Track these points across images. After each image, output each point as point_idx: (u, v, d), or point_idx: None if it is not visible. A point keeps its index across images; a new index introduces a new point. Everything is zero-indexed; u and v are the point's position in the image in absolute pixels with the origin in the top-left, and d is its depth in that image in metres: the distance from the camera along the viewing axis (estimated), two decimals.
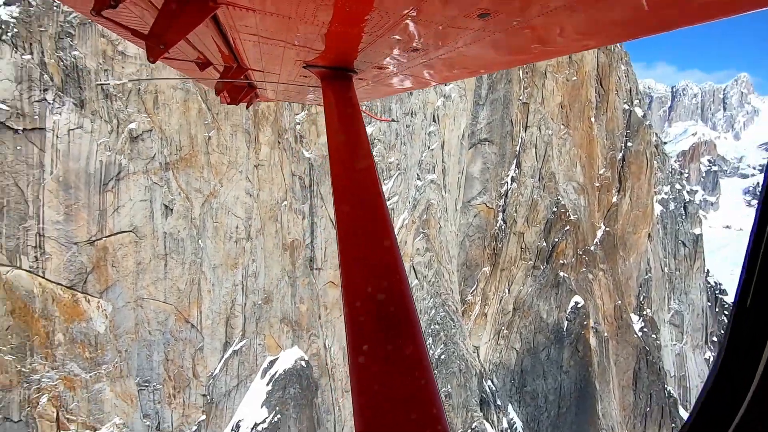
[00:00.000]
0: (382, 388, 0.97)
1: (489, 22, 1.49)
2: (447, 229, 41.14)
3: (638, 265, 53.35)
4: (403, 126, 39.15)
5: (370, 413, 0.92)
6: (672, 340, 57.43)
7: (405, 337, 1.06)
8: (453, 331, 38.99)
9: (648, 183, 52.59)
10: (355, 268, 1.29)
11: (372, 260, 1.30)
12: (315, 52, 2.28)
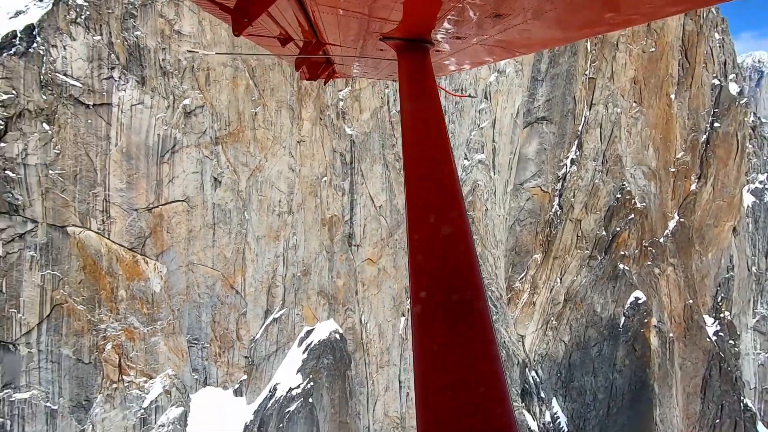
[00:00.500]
0: (445, 372, 0.91)
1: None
2: (494, 212, 39.44)
3: (718, 262, 47.52)
4: (452, 103, 37.69)
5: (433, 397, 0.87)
6: (756, 349, 50.93)
7: (472, 321, 1.00)
8: (495, 317, 37.75)
9: (737, 170, 46.14)
10: (424, 250, 1.23)
11: (442, 243, 1.23)
12: (392, 24, 2.23)
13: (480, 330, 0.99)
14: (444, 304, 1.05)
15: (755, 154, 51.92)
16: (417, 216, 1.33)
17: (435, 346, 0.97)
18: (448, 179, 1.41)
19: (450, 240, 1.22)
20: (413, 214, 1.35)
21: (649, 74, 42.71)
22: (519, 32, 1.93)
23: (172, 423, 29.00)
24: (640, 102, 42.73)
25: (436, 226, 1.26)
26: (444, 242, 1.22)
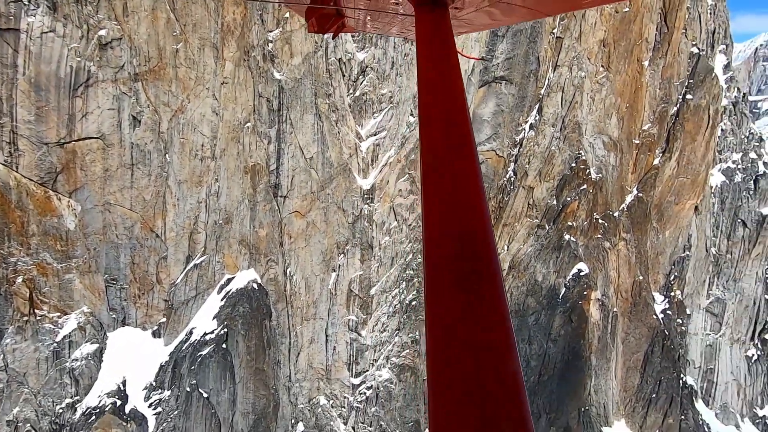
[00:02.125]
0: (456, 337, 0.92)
1: None
2: None
3: (675, 240, 46.50)
4: (401, 54, 35.74)
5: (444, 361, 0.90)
6: (705, 330, 50.75)
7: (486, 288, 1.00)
8: None
9: (705, 146, 44.19)
10: (438, 215, 1.20)
11: (458, 207, 1.19)
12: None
13: (493, 299, 0.96)
14: (457, 271, 1.01)
15: (732, 132, 49.64)
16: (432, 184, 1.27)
17: (447, 314, 0.95)
18: (465, 145, 1.36)
19: (465, 207, 1.17)
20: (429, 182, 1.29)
21: (620, 37, 40.11)
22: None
23: (85, 358, 29.41)
24: (607, 67, 40.38)
25: (452, 192, 1.22)
26: (458, 209, 1.16)
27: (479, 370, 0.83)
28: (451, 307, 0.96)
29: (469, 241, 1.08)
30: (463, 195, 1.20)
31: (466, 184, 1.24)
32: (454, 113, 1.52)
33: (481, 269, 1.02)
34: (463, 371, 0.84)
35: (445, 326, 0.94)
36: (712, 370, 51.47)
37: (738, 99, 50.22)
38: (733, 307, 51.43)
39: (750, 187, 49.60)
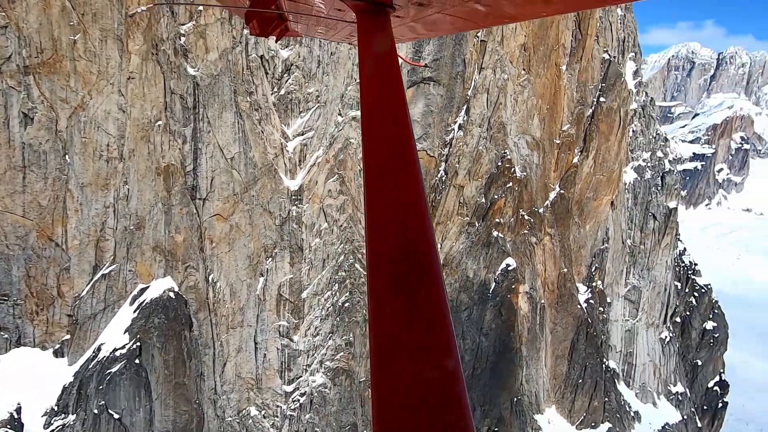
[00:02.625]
0: (399, 338, 0.95)
1: None
2: None
3: (595, 233, 49.69)
4: (327, 53, 35.22)
5: (387, 362, 0.92)
6: (624, 316, 54.69)
7: (427, 288, 1.02)
8: (362, 280, 37.14)
9: (618, 146, 47.64)
10: (381, 221, 1.22)
11: (400, 213, 1.22)
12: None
13: (435, 299, 0.98)
14: (399, 272, 1.03)
15: (642, 133, 53.96)
16: (375, 186, 1.30)
17: (389, 316, 0.97)
18: (406, 148, 1.39)
19: (406, 209, 1.19)
20: (371, 183, 1.31)
21: (539, 42, 42.19)
22: (488, 4, 1.83)
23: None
24: (528, 70, 42.31)
25: (393, 194, 1.25)
26: (400, 211, 1.19)
27: (422, 372, 0.85)
28: (393, 308, 0.96)
29: (411, 242, 1.08)
30: (405, 197, 1.22)
31: (407, 186, 1.25)
32: (396, 118, 1.52)
33: (422, 269, 1.02)
34: (406, 373, 0.85)
35: (388, 328, 0.94)
36: (631, 353, 55.50)
37: (646, 102, 54.66)
38: (648, 294, 55.82)
39: (658, 183, 54.13)
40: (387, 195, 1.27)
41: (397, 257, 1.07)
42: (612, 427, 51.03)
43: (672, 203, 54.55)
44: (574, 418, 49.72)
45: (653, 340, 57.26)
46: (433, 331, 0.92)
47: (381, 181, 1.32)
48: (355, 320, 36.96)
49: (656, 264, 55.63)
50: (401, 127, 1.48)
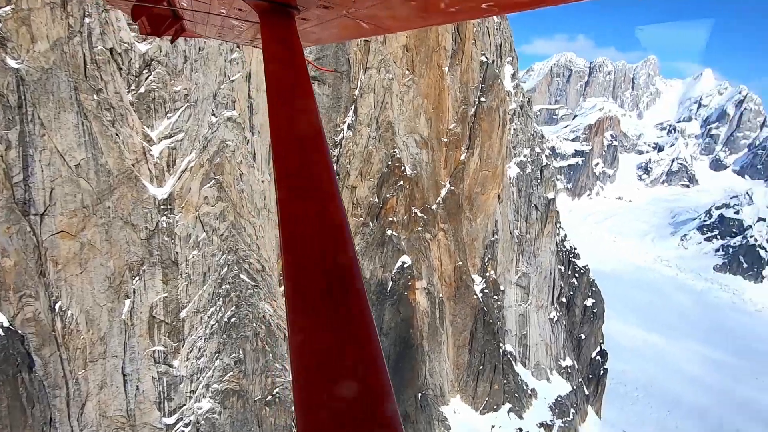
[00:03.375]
0: (324, 356, 0.92)
1: None
2: (253, 177, 35.87)
3: (485, 226, 52.52)
4: (195, 48, 32.29)
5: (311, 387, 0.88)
6: (517, 301, 58.73)
7: (350, 301, 1.01)
8: (249, 291, 34.70)
9: (499, 142, 50.89)
10: (298, 232, 1.17)
11: (316, 222, 1.20)
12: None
13: (359, 310, 0.97)
14: (319, 286, 1.01)
15: (522, 131, 58.48)
16: (287, 196, 1.27)
17: (312, 331, 0.94)
18: (319, 153, 1.39)
19: (323, 216, 1.18)
20: (283, 193, 1.28)
21: (420, 43, 43.30)
22: (393, 8, 1.87)
23: None
24: (412, 70, 43.20)
25: (309, 204, 1.23)
26: (317, 221, 1.17)
27: (350, 390, 0.82)
28: (315, 324, 0.92)
29: (330, 253, 1.05)
30: (322, 207, 1.19)
31: (323, 195, 1.22)
32: (306, 124, 1.49)
33: (344, 282, 1.00)
34: (332, 391, 0.82)
35: (311, 345, 0.91)
36: (525, 336, 59.68)
37: (524, 103, 59.29)
38: (536, 279, 60.52)
39: (538, 176, 58.98)
40: (302, 206, 1.19)
41: (316, 270, 1.00)
42: (512, 407, 54.28)
43: (550, 194, 59.83)
44: (478, 404, 51.95)
45: (543, 321, 62.25)
46: (359, 346, 0.88)
47: (295, 192, 1.24)
48: (244, 335, 34.38)
49: (541, 251, 60.56)
50: (313, 135, 1.44)
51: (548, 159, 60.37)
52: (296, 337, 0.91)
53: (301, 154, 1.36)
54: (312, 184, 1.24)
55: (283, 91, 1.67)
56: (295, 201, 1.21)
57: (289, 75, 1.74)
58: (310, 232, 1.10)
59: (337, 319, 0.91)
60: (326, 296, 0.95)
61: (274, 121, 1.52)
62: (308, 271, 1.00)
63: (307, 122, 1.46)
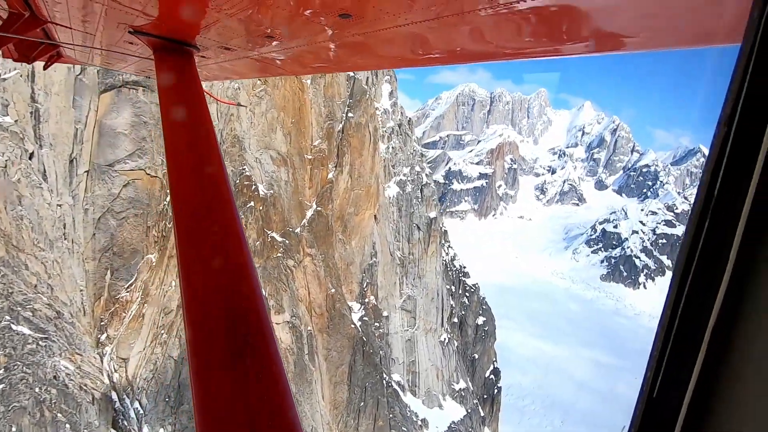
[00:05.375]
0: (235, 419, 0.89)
1: (350, 22, 1.46)
2: (42, 199, 28.64)
3: (362, 249, 49.30)
4: None
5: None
6: (403, 326, 55.95)
7: (261, 355, 0.97)
8: (30, 347, 26.90)
9: (372, 160, 48.57)
10: (198, 274, 1.14)
11: (219, 264, 1.15)
12: (147, 18, 1.98)
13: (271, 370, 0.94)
14: (228, 342, 0.95)
15: (401, 149, 57.18)
16: (189, 246, 1.18)
17: (220, 396, 0.89)
18: (219, 191, 1.34)
19: (230, 271, 1.11)
20: (185, 244, 1.19)
21: None
22: (298, 53, 1.95)
23: None
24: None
25: (212, 254, 1.15)
26: (223, 276, 1.10)
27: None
28: (224, 383, 0.86)
29: (237, 307, 0.98)
30: (226, 256, 1.10)
31: (227, 242, 1.13)
32: (207, 164, 1.43)
33: (253, 336, 0.94)
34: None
35: (220, 409, 0.85)
36: (414, 362, 56.77)
37: (402, 121, 58.25)
38: (422, 301, 58.39)
39: (418, 195, 57.72)
40: (205, 257, 1.10)
41: (222, 325, 0.94)
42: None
43: (432, 213, 58.80)
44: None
45: (433, 345, 60.03)
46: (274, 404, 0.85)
47: (196, 240, 1.15)
48: (21, 406, 26.31)
49: (426, 271, 58.83)
50: (214, 173, 1.40)
51: (428, 178, 59.67)
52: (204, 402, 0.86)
53: (202, 196, 1.27)
54: (215, 236, 1.14)
55: (181, 131, 1.60)
56: (198, 256, 1.09)
57: (186, 111, 1.71)
58: (214, 289, 1.02)
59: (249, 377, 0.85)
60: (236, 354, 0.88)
61: (172, 160, 1.44)
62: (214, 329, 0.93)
63: (209, 165, 1.40)
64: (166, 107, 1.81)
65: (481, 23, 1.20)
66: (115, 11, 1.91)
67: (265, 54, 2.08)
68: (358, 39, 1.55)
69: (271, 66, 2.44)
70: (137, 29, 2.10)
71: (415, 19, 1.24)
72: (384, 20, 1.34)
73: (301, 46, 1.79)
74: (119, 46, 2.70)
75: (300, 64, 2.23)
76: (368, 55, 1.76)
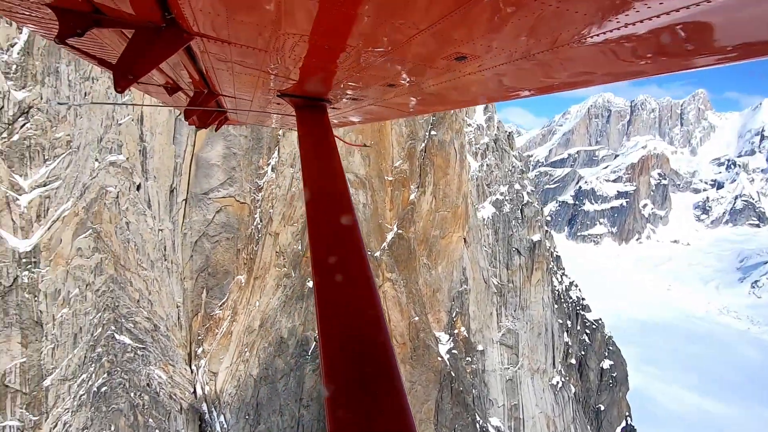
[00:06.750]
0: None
1: (466, 64, 1.60)
2: (145, 225, 32.82)
3: (450, 275, 45.66)
4: (80, 93, 31.04)
5: None
6: (503, 364, 49.60)
7: (387, 387, 1.04)
8: (128, 356, 30.37)
9: (458, 179, 45.27)
10: (332, 310, 1.25)
11: (350, 300, 1.27)
12: (290, 82, 2.36)
13: (395, 398, 0.99)
14: (357, 374, 1.04)
15: (497, 167, 52.50)
16: (324, 280, 1.29)
17: (351, 423, 0.96)
18: (353, 235, 1.47)
19: (356, 298, 1.22)
20: (321, 277, 1.30)
21: None
22: (418, 97, 2.18)
23: None
24: None
25: (343, 287, 1.26)
26: (351, 301, 1.22)
27: None
28: (354, 414, 0.93)
29: (365, 339, 1.08)
30: (356, 290, 1.22)
31: (357, 277, 1.24)
32: (339, 205, 1.61)
33: (380, 368, 1.02)
34: None
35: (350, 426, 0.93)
36: (516, 407, 49.72)
37: (498, 136, 53.81)
38: (527, 336, 51.37)
39: (518, 216, 51.87)
40: (337, 290, 1.23)
41: (353, 358, 1.04)
42: None
43: (536, 236, 52.09)
44: None
45: (541, 388, 52.00)
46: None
47: (330, 274, 1.27)
48: (117, 408, 29.62)
49: (531, 302, 51.88)
50: (345, 212, 1.54)
51: (530, 196, 53.31)
52: (333, 414, 0.95)
53: (335, 236, 1.41)
54: (347, 271, 1.25)
55: (317, 176, 1.81)
56: (332, 289, 1.22)
57: (321, 160, 1.98)
58: (346, 321, 1.11)
59: (376, 408, 0.91)
60: (364, 385, 0.95)
61: (311, 205, 1.63)
62: (346, 361, 1.01)
63: (341, 205, 1.58)
64: (305, 156, 2.05)
65: (601, 47, 1.20)
66: (267, 80, 2.35)
67: (388, 100, 2.33)
68: (471, 78, 1.67)
69: (392, 110, 2.76)
70: (283, 92, 2.62)
71: (537, 50, 1.28)
72: (499, 57, 1.43)
73: (420, 91, 1.96)
74: (268, 107, 3.25)
75: (419, 105, 2.48)
76: (479, 92, 1.92)
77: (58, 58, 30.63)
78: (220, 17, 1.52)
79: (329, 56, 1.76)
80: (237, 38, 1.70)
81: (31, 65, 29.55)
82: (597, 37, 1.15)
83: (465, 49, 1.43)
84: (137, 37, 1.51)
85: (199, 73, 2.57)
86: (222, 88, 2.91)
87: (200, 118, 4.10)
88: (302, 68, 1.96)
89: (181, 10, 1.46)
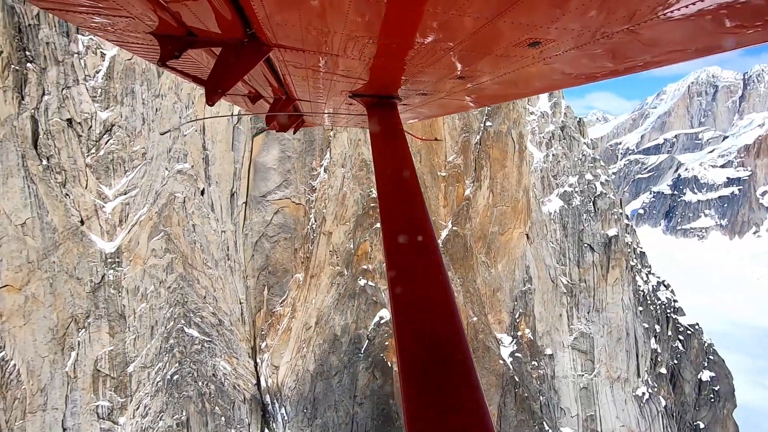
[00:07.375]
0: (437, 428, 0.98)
1: (539, 49, 1.57)
2: (209, 227, 35.39)
3: (511, 273, 43.04)
4: (152, 110, 34.44)
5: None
6: (576, 370, 45.53)
7: (459, 375, 1.06)
8: (195, 347, 32.99)
9: (518, 171, 42.45)
10: (405, 301, 1.26)
11: (423, 292, 1.27)
12: (360, 83, 2.46)
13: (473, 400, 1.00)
14: (429, 361, 1.06)
15: (565, 156, 48.38)
16: (398, 278, 1.30)
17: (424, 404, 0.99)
18: (421, 221, 1.49)
19: (429, 290, 1.23)
20: (392, 260, 1.35)
21: None
22: (488, 87, 2.12)
23: None
24: None
25: (418, 287, 1.26)
26: (424, 293, 1.23)
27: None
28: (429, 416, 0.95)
29: (441, 340, 1.07)
30: (430, 290, 1.21)
31: (431, 277, 1.23)
32: (411, 200, 1.61)
33: (456, 369, 1.02)
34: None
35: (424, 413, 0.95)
36: (593, 418, 45.44)
37: (565, 123, 49.68)
38: (604, 341, 46.74)
39: (590, 209, 47.35)
40: (412, 290, 1.22)
41: (429, 355, 1.04)
42: None
43: (611, 230, 47.11)
44: None
45: (623, 398, 46.94)
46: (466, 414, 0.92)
47: (404, 273, 1.28)
48: (187, 395, 32.30)
49: (608, 303, 47.08)
50: (417, 208, 1.54)
51: (605, 186, 48.25)
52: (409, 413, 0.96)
53: (408, 231, 1.39)
54: (421, 271, 1.24)
55: (389, 172, 1.85)
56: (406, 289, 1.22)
57: (393, 155, 1.99)
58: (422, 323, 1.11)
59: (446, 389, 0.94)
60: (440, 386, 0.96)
61: (383, 200, 1.67)
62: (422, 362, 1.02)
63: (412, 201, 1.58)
64: (377, 152, 2.08)
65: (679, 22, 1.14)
66: (339, 83, 2.41)
67: (458, 93, 2.31)
68: (549, 63, 1.62)
69: (462, 102, 2.71)
70: (355, 93, 2.65)
71: (612, 30, 1.25)
72: (570, 41, 1.40)
73: (491, 81, 1.93)
74: (341, 108, 3.38)
75: (489, 96, 2.46)
76: (550, 77, 1.86)
77: (133, 80, 34.28)
78: (295, 27, 1.62)
79: (398, 54, 1.81)
80: (310, 45, 1.81)
81: (112, 88, 33.41)
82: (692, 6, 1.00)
83: (537, 34, 1.41)
84: (224, 53, 1.67)
85: (277, 81, 2.73)
86: (298, 93, 3.08)
87: (280, 123, 4.28)
88: (372, 68, 2.02)
89: (260, 25, 1.58)
